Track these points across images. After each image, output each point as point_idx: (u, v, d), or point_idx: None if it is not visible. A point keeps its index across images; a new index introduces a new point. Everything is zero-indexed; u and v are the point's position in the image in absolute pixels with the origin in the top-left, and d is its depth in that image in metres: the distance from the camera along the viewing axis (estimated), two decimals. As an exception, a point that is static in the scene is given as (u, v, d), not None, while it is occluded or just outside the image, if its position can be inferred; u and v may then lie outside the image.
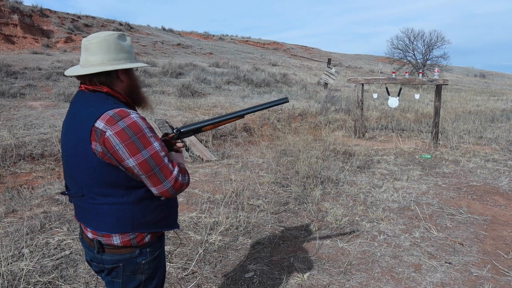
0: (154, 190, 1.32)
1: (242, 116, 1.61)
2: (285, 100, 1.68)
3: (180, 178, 1.33)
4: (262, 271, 2.77)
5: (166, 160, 1.31)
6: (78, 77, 1.37)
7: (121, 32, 1.40)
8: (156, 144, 1.29)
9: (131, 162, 1.26)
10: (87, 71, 1.32)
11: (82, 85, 1.38)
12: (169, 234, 3.27)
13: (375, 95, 8.47)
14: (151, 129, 1.31)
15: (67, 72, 1.40)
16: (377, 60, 44.88)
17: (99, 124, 1.24)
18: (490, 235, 3.40)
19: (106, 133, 1.23)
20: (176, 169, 1.33)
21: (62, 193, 1.50)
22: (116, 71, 1.36)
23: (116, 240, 1.35)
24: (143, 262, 1.41)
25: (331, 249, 3.11)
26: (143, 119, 1.31)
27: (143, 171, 1.27)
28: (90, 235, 1.39)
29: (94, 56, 1.32)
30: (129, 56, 1.39)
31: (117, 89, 1.38)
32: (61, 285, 2.51)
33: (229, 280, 2.65)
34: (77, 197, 1.39)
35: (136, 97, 1.46)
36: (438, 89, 7.22)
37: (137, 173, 1.28)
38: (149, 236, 1.40)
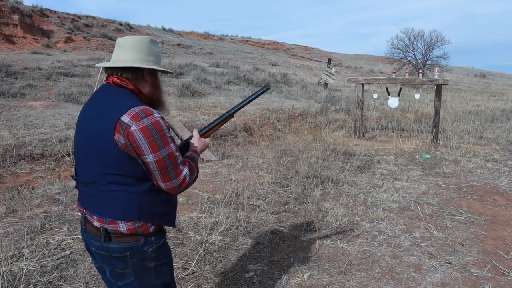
0: (162, 185, 1.40)
1: (232, 116, 1.76)
2: (267, 87, 1.82)
3: (187, 178, 1.43)
4: (262, 271, 2.77)
5: (179, 160, 1.41)
6: (108, 70, 1.47)
7: (154, 39, 1.54)
8: (172, 145, 1.39)
9: (150, 158, 1.34)
10: (117, 64, 1.44)
11: (109, 79, 1.47)
12: (169, 234, 3.27)
13: (375, 95, 8.48)
14: (168, 130, 1.41)
15: (98, 65, 1.56)
16: (377, 60, 44.88)
17: (125, 118, 1.32)
18: (490, 235, 3.40)
19: (131, 127, 1.31)
20: (186, 169, 1.43)
21: (72, 177, 1.54)
22: (142, 71, 1.47)
23: (123, 227, 1.39)
24: (150, 250, 1.44)
25: (331, 249, 3.11)
26: (163, 119, 1.40)
27: (158, 168, 1.36)
28: (96, 223, 1.41)
29: (127, 54, 1.45)
30: (157, 60, 1.51)
31: (141, 89, 1.48)
32: (61, 285, 2.51)
33: (229, 280, 2.65)
34: (86, 183, 1.44)
35: (157, 100, 1.54)
36: (438, 89, 7.22)
37: (152, 168, 1.36)
38: (153, 226, 1.45)
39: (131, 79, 1.45)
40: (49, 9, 22.08)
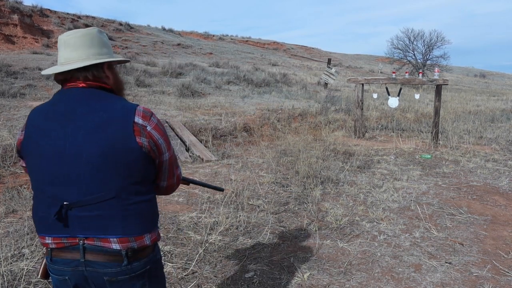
0: (165, 183, 1.37)
1: (188, 184, 1.66)
2: (220, 189, 1.97)
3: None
4: (262, 271, 2.77)
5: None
6: (61, 73, 1.25)
7: (99, 28, 1.36)
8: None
9: (166, 156, 1.31)
10: (79, 64, 1.22)
11: (78, 82, 1.25)
12: (169, 234, 3.28)
13: (375, 95, 8.48)
14: None
15: (45, 72, 1.29)
16: (377, 60, 44.87)
17: (138, 119, 1.22)
18: (490, 235, 3.40)
19: (147, 128, 1.24)
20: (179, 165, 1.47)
21: (59, 211, 1.21)
22: (102, 66, 1.28)
23: (148, 239, 1.27)
24: (159, 257, 1.39)
25: (331, 249, 3.11)
26: None
27: (169, 165, 1.34)
28: (116, 246, 1.21)
29: (78, 51, 1.24)
30: (111, 51, 1.34)
31: (110, 85, 1.32)
32: (61, 285, 2.51)
33: (229, 280, 2.65)
34: (92, 204, 1.20)
35: (121, 93, 1.38)
36: (438, 89, 7.22)
37: (164, 167, 1.33)
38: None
39: (100, 77, 1.27)
40: (49, 9, 22.09)
